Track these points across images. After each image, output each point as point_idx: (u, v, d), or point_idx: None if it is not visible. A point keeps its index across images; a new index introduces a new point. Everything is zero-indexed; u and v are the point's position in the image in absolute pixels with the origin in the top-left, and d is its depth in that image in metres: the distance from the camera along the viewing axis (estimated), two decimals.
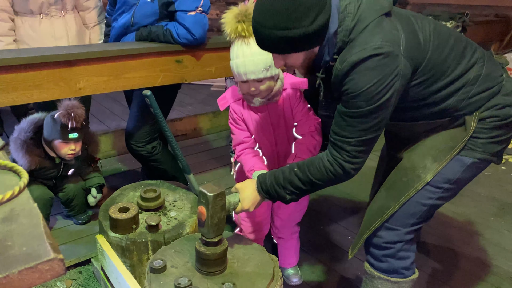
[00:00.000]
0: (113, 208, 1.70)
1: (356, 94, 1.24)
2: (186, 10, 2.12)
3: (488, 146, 1.43)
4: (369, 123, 1.28)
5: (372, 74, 1.22)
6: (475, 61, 1.40)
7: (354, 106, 1.27)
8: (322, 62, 1.33)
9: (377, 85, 1.22)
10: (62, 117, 2.08)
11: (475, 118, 1.41)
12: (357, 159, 1.34)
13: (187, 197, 1.95)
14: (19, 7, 2.32)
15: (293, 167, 1.43)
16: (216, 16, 6.57)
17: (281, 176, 1.44)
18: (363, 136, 1.30)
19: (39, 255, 0.51)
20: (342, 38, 1.27)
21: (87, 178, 2.46)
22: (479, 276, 2.11)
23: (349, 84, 1.25)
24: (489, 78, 1.41)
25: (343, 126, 1.31)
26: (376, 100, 1.24)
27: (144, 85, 2.13)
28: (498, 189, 3.01)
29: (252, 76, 1.62)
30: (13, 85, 1.76)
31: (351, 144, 1.31)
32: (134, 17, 2.22)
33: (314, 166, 1.39)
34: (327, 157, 1.37)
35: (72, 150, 2.19)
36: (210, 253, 1.38)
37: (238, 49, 1.63)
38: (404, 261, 1.55)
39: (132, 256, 1.69)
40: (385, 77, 1.22)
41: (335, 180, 1.39)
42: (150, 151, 2.45)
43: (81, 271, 2.12)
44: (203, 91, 4.89)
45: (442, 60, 1.35)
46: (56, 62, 1.84)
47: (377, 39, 1.23)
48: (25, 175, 0.69)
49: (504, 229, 2.52)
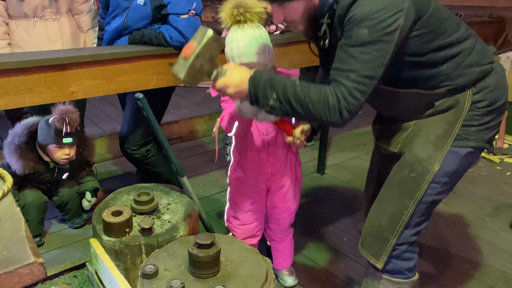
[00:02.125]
0: (106, 212, 1.70)
1: (361, 19, 1.23)
2: (179, 13, 2.12)
3: (481, 133, 1.43)
4: (371, 54, 1.25)
5: (376, 2, 1.22)
6: (470, 34, 1.42)
7: (357, 33, 1.24)
8: (326, 6, 1.32)
9: (383, 12, 1.21)
10: (56, 122, 2.08)
11: (468, 99, 1.41)
12: (354, 99, 1.27)
13: (181, 200, 1.94)
14: (13, 10, 2.32)
15: (295, 81, 1.37)
16: (211, 18, 6.57)
17: (278, 79, 1.35)
18: (363, 70, 1.26)
19: (19, 259, 0.51)
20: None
21: (82, 182, 2.46)
22: (474, 276, 2.12)
23: (354, 10, 1.24)
24: (482, 54, 1.42)
25: (344, 59, 1.28)
26: (380, 29, 1.22)
27: (137, 88, 2.13)
28: (494, 189, 3.01)
29: (245, 58, 1.64)
30: (4, 89, 1.76)
31: (351, 79, 1.26)
32: (127, 21, 2.22)
33: (315, 89, 1.31)
34: (329, 88, 1.30)
35: (66, 155, 2.19)
36: (203, 256, 1.38)
37: (233, 34, 1.65)
38: (408, 262, 1.55)
39: (125, 259, 1.69)
40: (391, 6, 1.22)
41: (324, 115, 1.30)
42: (144, 154, 2.45)
43: (76, 275, 2.11)
44: (199, 94, 4.89)
45: (443, 20, 1.35)
46: (48, 66, 1.84)
47: None
48: (9, 179, 0.69)
49: (499, 229, 2.52)
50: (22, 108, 2.65)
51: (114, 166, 3.38)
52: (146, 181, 2.75)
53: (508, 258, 2.25)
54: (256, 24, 1.67)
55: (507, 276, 2.11)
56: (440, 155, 1.42)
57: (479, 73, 1.42)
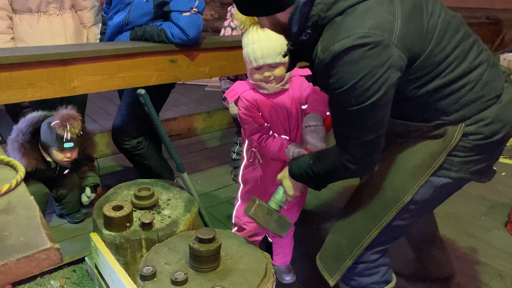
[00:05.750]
0: (107, 206, 1.71)
1: (343, 91, 1.10)
2: (181, 10, 2.13)
3: (466, 165, 1.30)
4: (366, 122, 1.14)
5: (357, 67, 1.06)
6: (479, 63, 1.23)
7: (343, 103, 1.13)
8: (291, 33, 1.19)
9: (366, 79, 1.07)
10: (58, 128, 2.09)
11: (459, 131, 1.25)
12: (364, 160, 1.21)
13: (181, 196, 1.96)
14: (17, 5, 2.33)
15: (310, 159, 1.39)
16: (210, 16, 6.59)
17: (302, 163, 1.40)
18: (362, 136, 1.16)
19: (36, 245, 0.53)
20: (318, 11, 1.12)
21: (83, 177, 2.47)
22: (469, 274, 2.15)
23: (334, 78, 1.11)
24: (489, 87, 1.24)
25: (340, 124, 1.21)
26: (367, 97, 1.09)
27: (138, 85, 2.14)
28: (489, 189, 3.05)
29: (269, 60, 1.63)
30: (7, 83, 1.77)
31: (356, 145, 1.19)
32: (129, 16, 2.23)
33: (326, 162, 1.31)
34: (334, 156, 1.27)
35: (67, 158, 2.21)
36: (204, 250, 1.40)
37: (254, 35, 1.64)
38: (372, 277, 1.50)
39: (126, 254, 1.70)
40: (373, 70, 1.06)
41: (347, 177, 1.31)
42: (135, 146, 2.47)
43: (75, 269, 2.13)
44: (198, 91, 4.90)
45: (443, 57, 1.18)
46: (51, 61, 1.85)
47: (364, 25, 1.06)
48: (22, 169, 0.71)
49: (494, 228, 2.56)
50: (22, 102, 2.65)
51: (113, 162, 3.39)
52: (146, 177, 2.77)
53: (502, 256, 2.29)
54: None
55: (502, 274, 2.14)
56: (415, 185, 1.32)
57: (480, 107, 1.24)
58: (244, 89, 1.80)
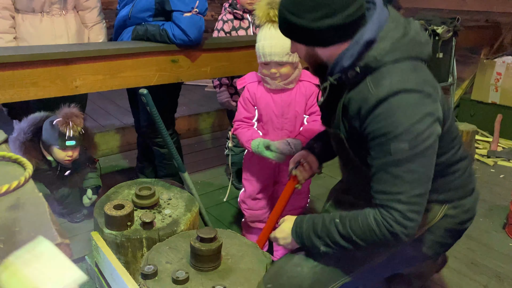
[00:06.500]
0: (108, 205, 1.72)
1: (397, 134, 1.10)
2: (182, 10, 2.13)
3: (436, 244, 1.40)
4: (417, 172, 1.12)
5: (414, 110, 1.09)
6: (466, 155, 1.37)
7: (397, 149, 1.11)
8: (338, 66, 1.20)
9: (421, 124, 1.09)
10: (60, 125, 2.10)
11: (442, 211, 1.35)
12: (411, 222, 1.14)
13: (182, 196, 1.97)
14: (20, 5, 2.33)
15: (335, 217, 1.25)
16: (211, 17, 6.59)
17: (319, 223, 1.27)
18: (414, 189, 1.13)
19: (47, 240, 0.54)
20: (375, 54, 1.15)
21: (84, 178, 2.47)
22: (468, 275, 2.16)
23: (388, 120, 1.10)
24: (470, 178, 1.40)
25: (389, 181, 1.14)
26: (420, 141, 1.10)
27: (140, 84, 2.14)
28: (488, 191, 3.06)
29: (275, 58, 1.73)
30: (10, 82, 1.77)
31: (402, 202, 1.13)
32: (132, 10, 2.26)
33: (357, 221, 1.20)
34: (375, 214, 1.17)
35: (69, 156, 2.22)
36: (205, 249, 1.40)
37: (266, 32, 1.73)
38: None
39: (126, 252, 1.71)
40: (426, 117, 1.10)
41: (379, 243, 1.19)
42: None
43: None
44: (198, 92, 4.91)
45: (454, 137, 1.29)
46: (53, 60, 1.85)
47: (417, 77, 1.13)
48: (30, 166, 0.71)
49: (492, 230, 2.57)
50: (25, 106, 2.61)
51: (113, 161, 3.39)
52: (146, 176, 2.78)
53: (500, 258, 2.30)
54: None
55: (500, 276, 2.15)
56: (387, 252, 1.35)
57: (462, 195, 1.37)
58: (251, 80, 1.93)
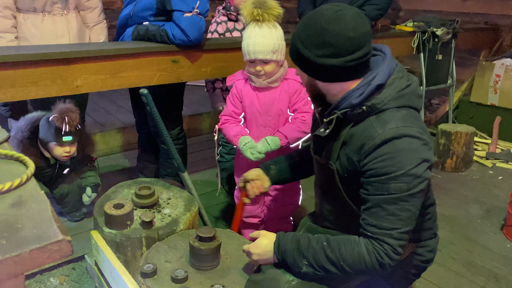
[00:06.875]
0: (108, 205, 1.73)
1: (398, 175, 1.18)
2: (183, 10, 2.13)
3: (404, 278, 1.54)
4: (410, 210, 1.22)
5: (416, 155, 1.19)
6: (435, 201, 1.52)
7: (395, 189, 1.19)
8: (347, 102, 1.25)
9: (419, 168, 1.19)
10: (56, 121, 2.10)
11: (410, 247, 1.48)
12: (397, 255, 1.23)
13: (181, 195, 1.98)
14: (22, 4, 2.34)
15: (322, 239, 1.28)
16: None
17: (305, 243, 1.28)
18: (405, 226, 1.22)
19: (49, 236, 0.55)
20: (383, 98, 1.23)
21: (83, 177, 2.48)
22: (466, 276, 2.17)
23: (391, 160, 1.19)
24: (435, 223, 1.54)
25: (384, 217, 1.21)
26: (417, 184, 1.19)
27: (140, 84, 2.16)
28: (486, 192, 3.07)
29: (259, 55, 1.78)
30: (11, 81, 1.78)
31: (394, 237, 1.21)
32: (135, 9, 2.28)
33: (348, 248, 1.24)
34: (366, 244, 1.24)
35: (66, 152, 2.22)
36: (204, 248, 1.41)
37: (251, 30, 1.78)
38: None
39: (126, 252, 1.72)
40: (424, 162, 1.20)
41: (365, 271, 1.25)
42: (176, 135, 2.57)
43: (74, 267, 2.14)
44: (198, 92, 4.92)
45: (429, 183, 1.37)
46: (54, 60, 1.86)
47: (418, 125, 1.22)
48: (31, 164, 0.72)
49: (490, 231, 2.58)
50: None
51: (113, 161, 3.40)
52: (146, 176, 2.79)
53: (498, 259, 2.31)
54: (273, 23, 1.77)
55: (497, 277, 2.16)
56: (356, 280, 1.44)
57: (429, 236, 1.51)
58: (239, 78, 2.00)
